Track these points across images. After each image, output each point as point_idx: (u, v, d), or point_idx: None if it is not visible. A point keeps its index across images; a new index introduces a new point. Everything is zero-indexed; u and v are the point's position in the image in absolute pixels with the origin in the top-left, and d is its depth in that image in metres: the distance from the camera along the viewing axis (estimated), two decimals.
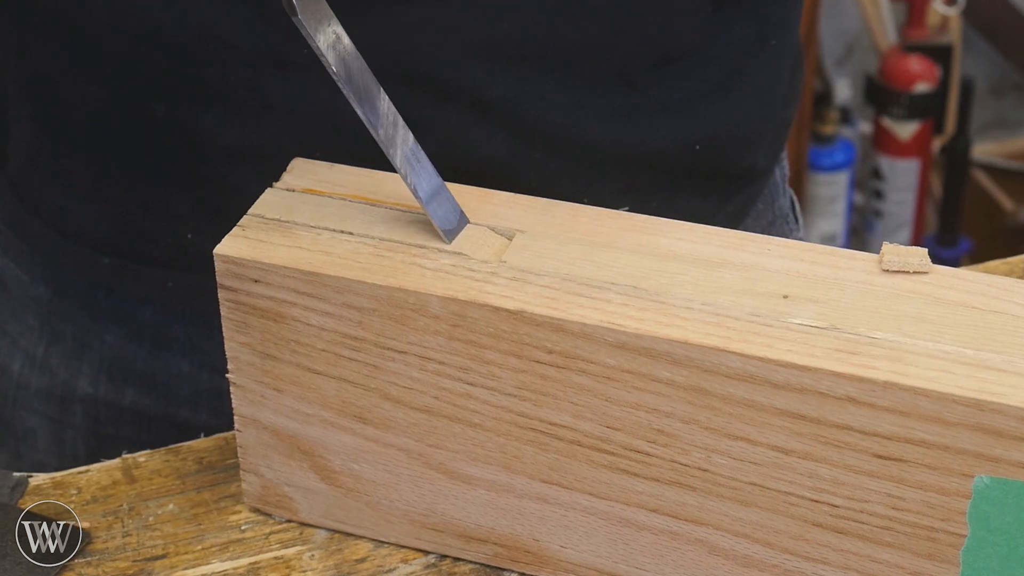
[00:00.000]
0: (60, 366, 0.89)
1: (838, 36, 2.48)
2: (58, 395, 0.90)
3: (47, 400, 0.90)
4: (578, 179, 0.79)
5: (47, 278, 0.88)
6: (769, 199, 0.93)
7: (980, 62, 2.52)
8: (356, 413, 0.69)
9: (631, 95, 0.79)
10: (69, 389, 0.89)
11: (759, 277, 0.65)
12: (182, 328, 0.86)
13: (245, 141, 0.77)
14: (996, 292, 0.64)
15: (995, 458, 0.59)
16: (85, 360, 0.88)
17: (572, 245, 0.67)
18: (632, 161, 0.81)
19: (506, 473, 0.68)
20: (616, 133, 0.79)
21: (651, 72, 0.79)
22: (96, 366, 0.88)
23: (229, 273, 0.67)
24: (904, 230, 2.43)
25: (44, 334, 0.89)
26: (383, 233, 0.68)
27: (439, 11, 0.73)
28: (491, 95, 0.76)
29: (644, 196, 0.81)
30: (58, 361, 0.89)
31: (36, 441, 0.92)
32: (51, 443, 0.91)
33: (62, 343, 0.89)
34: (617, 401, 0.64)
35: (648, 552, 0.68)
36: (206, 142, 0.78)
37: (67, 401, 0.90)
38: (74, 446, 0.91)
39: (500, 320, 0.64)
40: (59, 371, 0.89)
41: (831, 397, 0.61)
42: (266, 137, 0.77)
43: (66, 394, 0.89)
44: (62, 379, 0.89)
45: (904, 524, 0.63)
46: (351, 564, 0.72)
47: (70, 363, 0.89)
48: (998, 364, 0.60)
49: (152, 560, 0.72)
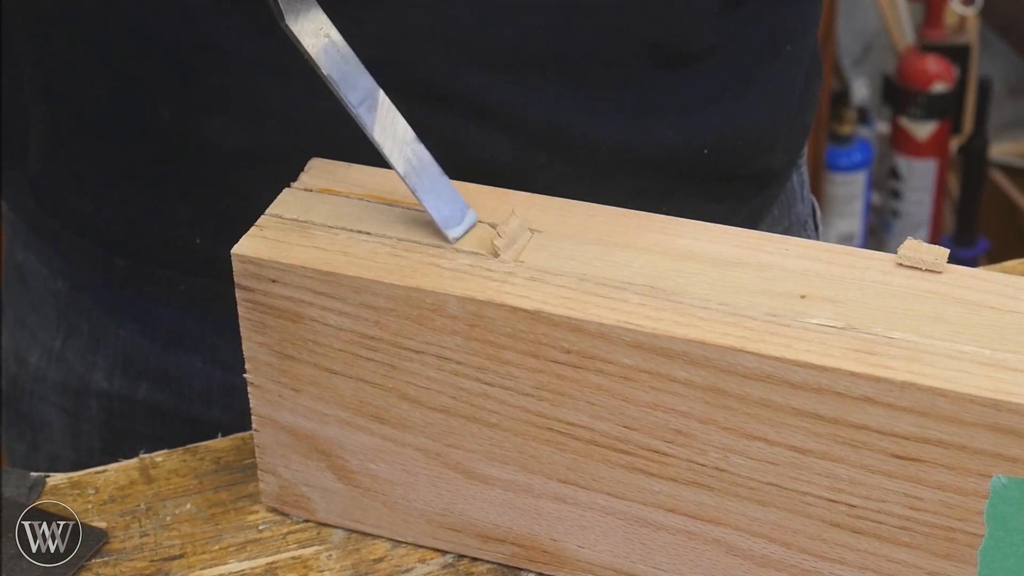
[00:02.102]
0: (76, 360, 0.90)
1: (856, 36, 2.48)
2: (74, 388, 0.91)
3: (63, 393, 0.91)
4: (584, 182, 0.79)
5: (64, 272, 0.89)
6: (785, 205, 0.92)
7: (997, 62, 2.52)
8: (374, 413, 0.69)
9: (637, 98, 0.79)
10: (84, 383, 0.90)
11: (776, 277, 0.65)
12: (195, 325, 0.87)
13: (248, 147, 0.78)
14: (1014, 292, 0.64)
15: (1013, 458, 0.60)
16: (100, 354, 0.89)
17: (589, 245, 0.67)
18: (640, 164, 0.81)
19: (524, 473, 0.68)
20: (622, 135, 0.79)
21: (657, 75, 0.79)
22: (111, 360, 0.89)
23: (247, 273, 0.67)
24: (921, 230, 2.43)
25: (61, 328, 0.90)
26: (400, 233, 0.68)
27: (438, 19, 0.73)
28: (492, 100, 0.76)
29: (654, 200, 0.81)
30: (74, 355, 0.90)
31: (53, 433, 0.93)
32: (67, 436, 0.92)
33: (78, 337, 0.90)
34: (634, 401, 0.64)
35: (665, 552, 0.68)
36: (210, 148, 0.78)
37: (82, 395, 0.90)
38: (89, 439, 0.92)
39: (518, 320, 0.64)
40: (75, 365, 0.90)
41: (849, 397, 0.61)
42: (269, 143, 0.77)
43: (81, 388, 0.90)
44: (78, 373, 0.90)
45: (921, 524, 0.63)
46: (368, 564, 0.72)
47: (85, 357, 0.90)
48: (1015, 364, 0.60)
49: (169, 560, 0.72)
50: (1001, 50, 2.50)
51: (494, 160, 0.77)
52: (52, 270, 0.90)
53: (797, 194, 0.94)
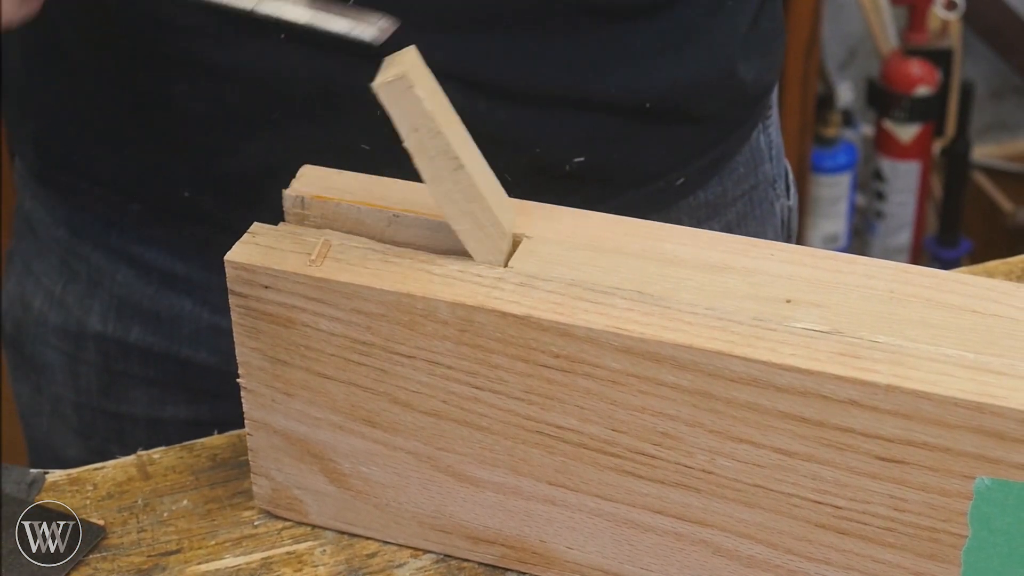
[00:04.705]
0: (75, 304, 0.93)
1: (841, 41, 2.48)
2: (73, 331, 0.94)
3: (63, 336, 0.94)
4: (528, 128, 0.80)
5: (67, 219, 0.93)
6: (751, 163, 0.94)
7: (980, 66, 2.52)
8: (365, 417, 0.69)
9: (577, 52, 0.80)
10: (82, 326, 0.93)
11: (762, 282, 0.66)
12: (186, 269, 0.90)
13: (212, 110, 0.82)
14: (996, 296, 0.65)
15: (996, 460, 0.60)
16: (96, 298, 0.93)
17: (578, 250, 0.68)
18: (586, 111, 0.82)
19: (513, 475, 0.69)
20: (566, 83, 0.80)
21: (597, 30, 0.80)
22: (106, 304, 0.92)
23: (240, 279, 0.68)
24: (905, 231, 2.44)
25: (63, 273, 0.94)
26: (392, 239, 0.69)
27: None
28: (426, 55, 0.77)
29: (603, 147, 0.82)
30: (73, 299, 0.93)
31: (55, 375, 0.96)
32: (68, 377, 0.95)
33: (77, 282, 0.93)
34: (622, 404, 0.65)
35: (653, 553, 0.69)
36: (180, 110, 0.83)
37: (80, 338, 0.94)
38: (88, 381, 0.95)
39: (507, 325, 0.65)
40: (74, 308, 0.93)
41: (834, 400, 0.61)
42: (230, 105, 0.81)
43: (79, 331, 0.93)
44: (76, 316, 0.93)
45: (906, 525, 0.63)
46: (362, 559, 0.73)
47: (83, 301, 0.93)
48: (998, 367, 0.61)
49: (166, 555, 0.73)
50: (983, 54, 2.51)
51: None
52: (55, 218, 0.93)
53: (765, 154, 0.95)
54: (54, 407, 0.97)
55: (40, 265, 0.95)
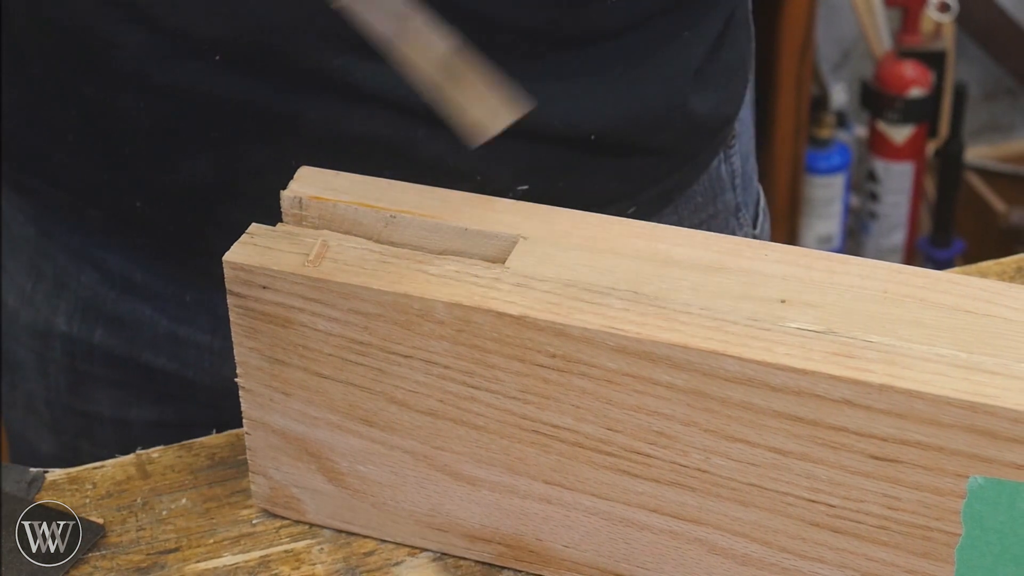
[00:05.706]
0: (43, 303, 0.94)
1: (835, 43, 2.49)
2: (41, 330, 0.94)
3: (32, 335, 0.95)
4: (469, 157, 0.76)
5: (35, 219, 0.93)
6: (710, 193, 0.92)
7: (973, 67, 2.53)
8: (362, 416, 0.70)
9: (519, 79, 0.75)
10: (49, 325, 0.94)
11: (756, 282, 0.66)
12: (143, 276, 0.90)
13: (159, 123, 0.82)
14: (989, 296, 0.65)
15: (989, 459, 0.60)
16: (63, 299, 0.93)
17: (573, 251, 0.68)
18: (527, 141, 0.80)
19: (510, 474, 0.69)
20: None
21: (538, 60, 0.79)
22: (72, 304, 0.93)
23: (238, 280, 0.68)
24: (899, 231, 2.44)
25: (32, 272, 0.94)
26: (389, 239, 0.69)
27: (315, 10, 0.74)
28: (367, 83, 0.77)
29: (548, 176, 0.81)
30: (41, 298, 0.94)
31: (26, 372, 0.97)
32: (37, 375, 0.96)
33: (45, 281, 0.93)
34: (618, 404, 0.65)
35: (649, 551, 0.69)
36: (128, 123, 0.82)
37: (48, 337, 0.94)
38: (56, 379, 0.95)
39: (504, 325, 0.65)
40: (42, 308, 0.94)
41: (828, 400, 0.61)
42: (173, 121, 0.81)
43: (47, 330, 0.94)
44: (44, 315, 0.94)
45: (900, 523, 0.64)
46: (359, 557, 0.73)
47: (51, 301, 0.93)
48: (991, 367, 0.61)
49: (165, 553, 0.73)
50: (976, 56, 2.52)
51: (375, 135, 0.79)
52: (25, 217, 0.93)
53: (727, 183, 0.93)
54: (27, 403, 0.98)
55: (13, 263, 0.95)
